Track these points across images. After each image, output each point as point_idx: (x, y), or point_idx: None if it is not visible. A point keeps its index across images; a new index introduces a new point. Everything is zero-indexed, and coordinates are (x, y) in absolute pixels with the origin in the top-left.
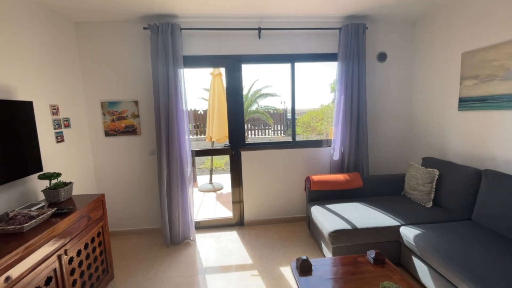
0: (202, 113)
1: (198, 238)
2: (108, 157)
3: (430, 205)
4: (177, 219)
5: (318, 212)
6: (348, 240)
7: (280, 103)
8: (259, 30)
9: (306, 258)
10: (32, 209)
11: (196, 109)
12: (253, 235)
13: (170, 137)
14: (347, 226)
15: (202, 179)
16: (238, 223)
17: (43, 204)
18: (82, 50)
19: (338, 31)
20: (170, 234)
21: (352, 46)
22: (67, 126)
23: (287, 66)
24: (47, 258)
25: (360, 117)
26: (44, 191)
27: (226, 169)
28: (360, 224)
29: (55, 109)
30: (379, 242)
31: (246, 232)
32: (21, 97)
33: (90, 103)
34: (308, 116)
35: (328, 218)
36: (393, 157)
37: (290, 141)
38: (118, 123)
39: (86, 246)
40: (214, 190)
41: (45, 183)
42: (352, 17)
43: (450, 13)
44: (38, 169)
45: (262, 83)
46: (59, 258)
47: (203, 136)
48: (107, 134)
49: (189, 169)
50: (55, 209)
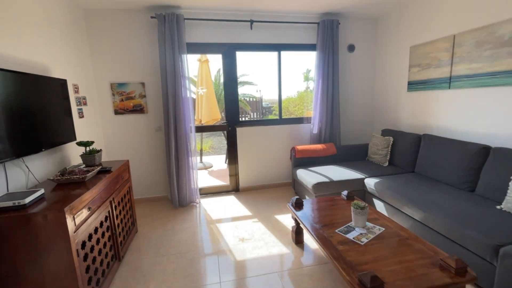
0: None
1: (201, 201)
2: (117, 133)
3: (386, 164)
4: (184, 185)
5: (302, 173)
6: (326, 190)
7: (256, 92)
8: (251, 22)
9: (298, 197)
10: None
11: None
12: (248, 197)
13: (177, 114)
14: (326, 180)
15: None
16: (234, 190)
17: (84, 165)
18: (91, 35)
19: (316, 25)
20: (178, 197)
21: (328, 38)
22: (85, 104)
23: (266, 55)
24: (104, 201)
25: (334, 97)
26: (82, 156)
27: (211, 151)
28: (335, 178)
29: (76, 88)
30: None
31: (242, 195)
32: (55, 75)
33: (100, 84)
34: (286, 102)
35: (310, 176)
36: (359, 130)
37: (278, 118)
38: (127, 103)
39: (122, 199)
40: (205, 168)
41: (77, 151)
42: (328, 14)
43: (402, 15)
44: (73, 138)
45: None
46: (111, 203)
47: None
48: (117, 112)
49: (193, 142)
50: (100, 167)
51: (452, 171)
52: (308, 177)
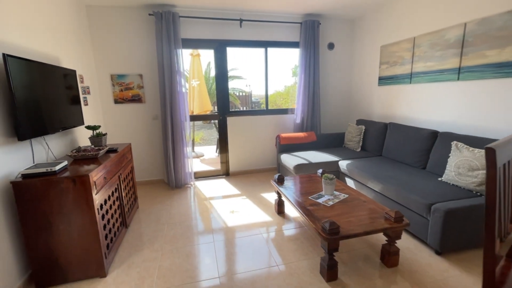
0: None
1: (195, 183)
2: (117, 120)
3: (359, 149)
4: (180, 168)
5: (286, 157)
6: (306, 170)
7: (245, 86)
8: (241, 21)
9: (281, 174)
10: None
11: None
12: (238, 180)
13: (173, 104)
14: (306, 162)
15: None
16: (224, 174)
17: (92, 146)
18: (93, 29)
19: (299, 25)
20: (174, 180)
21: (309, 37)
22: (89, 93)
23: (254, 51)
24: (114, 175)
25: (315, 91)
26: (90, 138)
27: (202, 142)
28: (314, 160)
29: (82, 78)
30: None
31: (232, 179)
32: (65, 66)
33: (101, 75)
34: (274, 96)
35: (293, 159)
36: (337, 120)
37: (265, 109)
38: (126, 93)
39: (126, 177)
40: (197, 157)
41: (85, 134)
42: (309, 15)
43: (374, 17)
44: (82, 122)
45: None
46: (119, 177)
47: None
48: (116, 102)
49: (188, 129)
50: (108, 147)
51: (409, 153)
52: (290, 160)
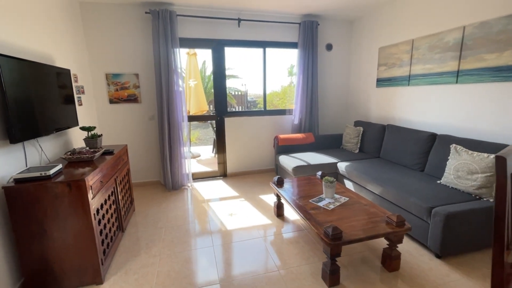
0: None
1: (192, 185)
2: (112, 121)
3: (357, 151)
4: (177, 170)
5: (284, 158)
6: (304, 172)
7: (241, 85)
8: (239, 20)
9: (280, 176)
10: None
11: None
12: (235, 181)
13: (170, 104)
14: (304, 163)
15: None
16: (222, 175)
17: (87, 148)
18: (87, 27)
19: (298, 25)
20: (171, 181)
21: (308, 37)
22: (83, 92)
23: (251, 50)
24: (110, 178)
25: (313, 92)
26: (85, 140)
27: (198, 142)
28: (312, 162)
29: (76, 77)
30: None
31: (229, 180)
32: (58, 65)
33: (96, 75)
34: (271, 95)
35: (291, 161)
36: (335, 121)
37: (262, 110)
38: (121, 92)
39: (123, 179)
40: (194, 157)
41: (79, 135)
42: (308, 15)
43: (372, 19)
44: (76, 123)
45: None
46: (115, 180)
47: None
48: (111, 101)
49: (186, 131)
50: (104, 149)
51: (407, 155)
52: (289, 161)
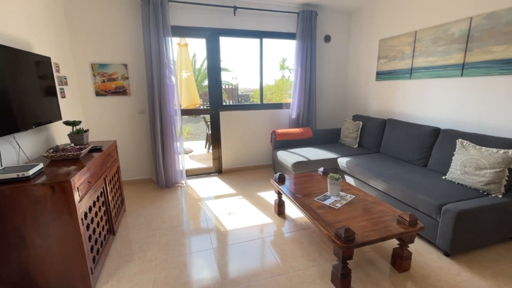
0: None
1: (187, 182)
2: (99, 115)
3: (356, 146)
4: (170, 167)
5: (282, 154)
6: (304, 168)
7: (232, 79)
8: (235, 8)
9: (281, 173)
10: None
11: None
12: (231, 178)
13: (162, 97)
14: (304, 159)
15: None
16: (217, 171)
17: (72, 145)
18: (69, 11)
19: (296, 15)
20: (164, 179)
21: (306, 28)
22: (66, 84)
23: (242, 42)
24: (100, 177)
25: (311, 85)
26: (70, 135)
27: (189, 137)
28: (312, 157)
29: (57, 67)
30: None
31: (225, 176)
32: (37, 52)
33: (80, 64)
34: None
35: (290, 156)
36: (332, 115)
37: (259, 103)
38: (109, 84)
39: (112, 178)
40: (186, 153)
41: (63, 130)
42: (307, 4)
43: (372, 10)
44: (59, 117)
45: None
46: (104, 180)
47: None
48: (98, 94)
49: (179, 125)
50: (91, 146)
51: (409, 150)
52: (288, 157)
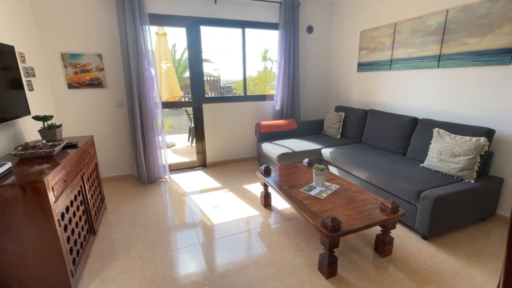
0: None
1: (170, 177)
2: (73, 109)
3: (339, 136)
4: (152, 162)
5: (267, 146)
6: (289, 159)
7: (213, 70)
8: None
9: (267, 165)
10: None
11: None
12: (216, 171)
13: (141, 89)
14: (289, 151)
15: None
16: (201, 165)
17: (44, 141)
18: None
19: (279, 5)
20: (147, 174)
21: (289, 18)
22: (34, 75)
23: (223, 32)
24: (76, 175)
25: (294, 76)
26: (40, 131)
27: (171, 131)
28: (296, 149)
29: (23, 56)
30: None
31: (209, 170)
32: None
33: (48, 54)
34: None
35: (275, 148)
36: (315, 106)
37: (243, 95)
38: (82, 76)
39: (90, 175)
40: (168, 147)
41: (32, 126)
42: None
43: (353, 1)
44: (27, 112)
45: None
46: (82, 178)
47: None
48: (71, 86)
49: (160, 118)
50: (66, 142)
51: (389, 140)
52: (272, 149)
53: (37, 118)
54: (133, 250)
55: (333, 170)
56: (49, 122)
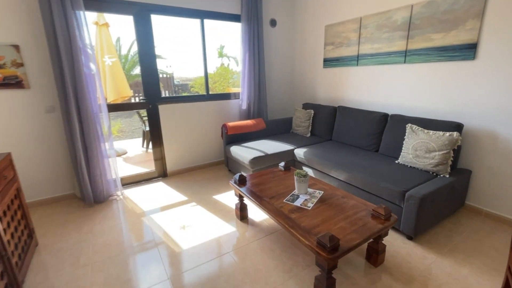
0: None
1: (124, 193)
2: None
3: (309, 135)
4: (98, 175)
5: (237, 149)
6: (262, 163)
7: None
8: None
9: (241, 173)
10: None
11: None
12: (180, 182)
13: (78, 89)
14: (261, 154)
15: None
16: (161, 175)
17: None
18: None
19: None
20: (92, 192)
21: (252, 9)
22: None
23: (178, 24)
24: None
25: (260, 72)
26: None
27: (120, 135)
28: (269, 151)
29: None
30: (286, 162)
31: (171, 180)
32: None
33: None
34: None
35: (246, 152)
36: (281, 104)
37: (205, 94)
38: None
39: (9, 207)
40: (119, 155)
41: None
42: None
43: None
44: None
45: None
46: None
47: None
48: None
49: (106, 123)
50: None
51: (361, 136)
52: (243, 153)
53: None
54: None
55: (309, 171)
56: None
